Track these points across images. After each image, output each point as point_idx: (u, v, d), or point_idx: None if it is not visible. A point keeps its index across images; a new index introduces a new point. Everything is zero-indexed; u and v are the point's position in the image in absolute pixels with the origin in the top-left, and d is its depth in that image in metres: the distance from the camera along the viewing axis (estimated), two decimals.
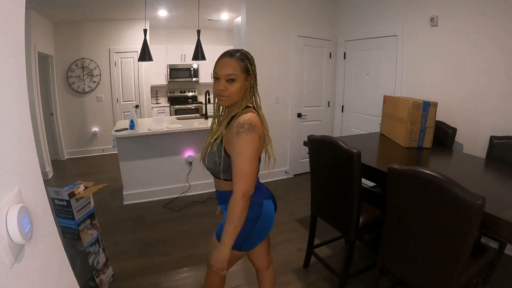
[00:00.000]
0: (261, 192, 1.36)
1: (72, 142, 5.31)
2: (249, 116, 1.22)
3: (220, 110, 1.39)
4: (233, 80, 1.23)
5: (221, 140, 1.26)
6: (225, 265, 1.21)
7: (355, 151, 1.67)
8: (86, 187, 1.92)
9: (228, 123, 1.28)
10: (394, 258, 1.58)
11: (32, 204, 0.63)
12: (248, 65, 1.26)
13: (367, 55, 3.72)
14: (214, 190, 1.45)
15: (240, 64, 1.24)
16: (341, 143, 1.76)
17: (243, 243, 1.31)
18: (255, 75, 1.29)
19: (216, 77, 1.25)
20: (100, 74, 5.30)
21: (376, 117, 3.52)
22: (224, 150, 1.25)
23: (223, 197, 1.35)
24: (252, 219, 1.29)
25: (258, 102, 1.32)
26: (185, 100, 6.46)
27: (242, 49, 1.31)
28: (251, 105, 1.31)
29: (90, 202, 1.98)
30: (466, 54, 2.65)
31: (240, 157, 1.18)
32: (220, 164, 1.26)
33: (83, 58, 5.14)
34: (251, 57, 1.30)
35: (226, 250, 1.19)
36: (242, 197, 1.16)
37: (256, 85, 1.31)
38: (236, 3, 4.02)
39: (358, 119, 3.96)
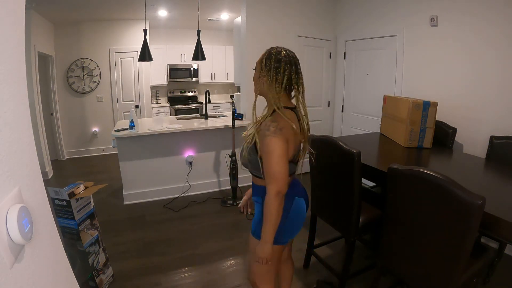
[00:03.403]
0: (295, 189, 1.41)
1: (72, 142, 5.31)
2: (276, 118, 1.25)
3: (255, 107, 1.37)
4: (255, 69, 1.34)
5: (254, 140, 1.29)
6: (269, 260, 1.30)
7: (355, 151, 1.67)
8: (86, 187, 1.92)
9: (260, 129, 1.29)
10: (394, 258, 1.58)
11: (32, 204, 0.63)
12: (264, 58, 1.29)
13: (367, 55, 3.72)
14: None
15: (261, 56, 1.31)
16: (341, 143, 1.76)
17: (278, 236, 1.32)
18: (270, 70, 1.26)
19: None
20: (100, 74, 5.30)
21: (376, 117, 3.52)
22: (256, 149, 1.29)
23: (255, 190, 1.43)
24: (284, 211, 1.32)
25: (297, 105, 1.32)
26: (185, 100, 6.46)
27: (280, 47, 1.30)
28: (291, 106, 1.33)
29: (90, 202, 1.98)
30: (466, 54, 2.65)
31: (268, 159, 1.23)
32: (250, 161, 1.34)
33: (83, 58, 5.14)
34: (275, 53, 1.27)
35: (268, 247, 1.26)
36: (276, 197, 1.22)
37: (277, 82, 1.26)
38: (236, 3, 4.02)
39: (358, 119, 3.95)
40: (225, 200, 3.39)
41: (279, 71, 1.26)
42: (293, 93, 1.35)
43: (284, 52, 1.28)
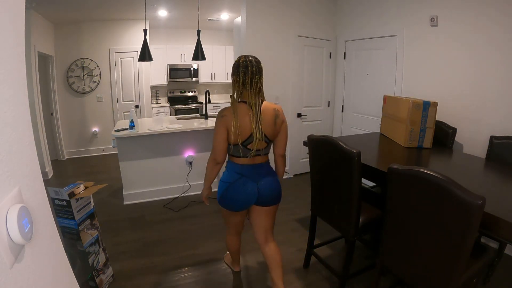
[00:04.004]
0: (248, 171, 1.71)
1: (72, 142, 5.31)
2: (225, 108, 1.67)
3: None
4: None
5: None
6: (204, 198, 1.88)
7: (355, 151, 1.67)
8: (86, 187, 1.92)
9: None
10: (394, 258, 1.58)
11: (32, 204, 0.63)
12: (232, 65, 1.69)
13: (367, 55, 3.72)
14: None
15: None
16: (341, 143, 1.76)
17: (220, 199, 1.76)
18: (234, 73, 1.66)
19: None
20: (100, 74, 5.30)
21: (376, 117, 3.52)
22: None
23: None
24: (224, 181, 1.74)
25: (248, 100, 1.64)
26: (185, 100, 6.46)
27: (242, 56, 1.67)
28: (246, 100, 1.65)
29: (90, 202, 1.98)
30: (466, 54, 2.65)
31: (213, 135, 1.69)
32: None
33: (83, 58, 5.15)
34: (237, 60, 1.66)
35: (203, 191, 1.87)
36: (211, 161, 1.74)
37: (237, 82, 1.64)
38: (236, 3, 4.02)
39: (358, 119, 3.96)
40: None
41: (238, 74, 1.63)
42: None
43: (243, 58, 1.64)
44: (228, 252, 2.30)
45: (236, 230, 1.98)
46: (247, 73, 1.60)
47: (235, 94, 1.66)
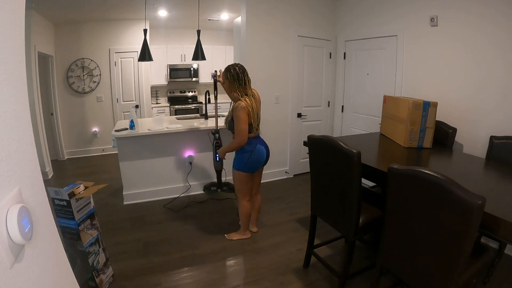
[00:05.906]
0: (258, 141, 2.43)
1: (72, 142, 5.31)
2: (241, 103, 2.26)
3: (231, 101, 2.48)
4: (223, 83, 2.42)
5: (232, 115, 2.35)
6: (224, 155, 2.55)
7: (355, 151, 1.67)
8: (86, 187, 1.92)
9: (233, 108, 2.35)
10: (394, 258, 1.58)
11: (32, 204, 0.63)
12: (228, 73, 2.32)
13: (367, 55, 3.72)
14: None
15: (224, 74, 2.36)
16: (341, 143, 1.76)
17: (244, 166, 2.40)
18: (237, 79, 2.29)
19: None
20: (100, 74, 5.30)
21: (376, 117, 3.52)
22: (232, 119, 2.33)
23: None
24: (249, 151, 2.37)
25: (249, 94, 2.34)
26: (185, 100, 6.46)
27: (233, 64, 2.35)
28: (247, 93, 2.32)
29: (90, 202, 1.98)
30: (466, 54, 2.65)
31: (237, 122, 2.27)
32: (231, 127, 2.37)
33: (83, 58, 5.14)
34: (232, 68, 2.30)
35: (223, 152, 2.51)
36: (238, 143, 2.32)
37: (240, 85, 2.30)
38: (236, 3, 4.02)
39: (358, 119, 3.96)
40: (208, 187, 3.32)
41: (239, 78, 2.29)
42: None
43: (237, 67, 2.31)
44: (230, 234, 2.71)
45: (249, 195, 2.55)
46: (244, 75, 2.31)
47: (239, 92, 2.30)
